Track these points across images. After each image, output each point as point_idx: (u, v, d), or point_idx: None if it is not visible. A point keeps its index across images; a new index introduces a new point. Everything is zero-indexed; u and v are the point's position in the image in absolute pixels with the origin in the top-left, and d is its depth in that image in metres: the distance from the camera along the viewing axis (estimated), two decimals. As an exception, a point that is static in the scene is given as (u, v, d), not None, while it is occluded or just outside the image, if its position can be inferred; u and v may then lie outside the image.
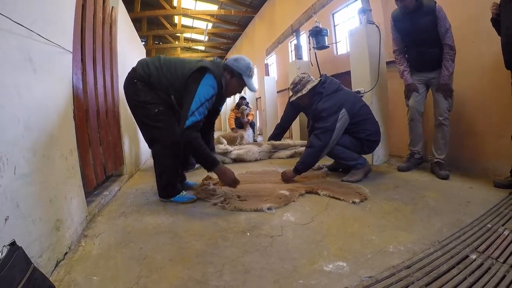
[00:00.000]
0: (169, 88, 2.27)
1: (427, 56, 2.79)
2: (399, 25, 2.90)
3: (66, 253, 1.52)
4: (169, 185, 2.38)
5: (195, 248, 1.58)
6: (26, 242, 1.14)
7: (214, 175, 2.52)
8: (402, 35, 2.93)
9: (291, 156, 4.39)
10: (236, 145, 5.12)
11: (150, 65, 2.28)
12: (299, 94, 2.94)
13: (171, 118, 2.32)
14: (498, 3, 2.27)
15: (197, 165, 3.75)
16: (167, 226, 1.92)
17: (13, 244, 0.94)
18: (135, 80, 2.26)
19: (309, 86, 2.91)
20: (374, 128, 2.87)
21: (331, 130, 2.67)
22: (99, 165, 2.47)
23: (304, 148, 4.38)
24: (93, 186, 2.29)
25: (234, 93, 2.49)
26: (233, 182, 2.29)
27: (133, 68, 2.34)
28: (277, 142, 4.63)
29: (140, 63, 2.33)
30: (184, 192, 2.43)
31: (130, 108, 2.40)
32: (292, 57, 7.83)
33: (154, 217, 2.09)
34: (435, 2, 2.66)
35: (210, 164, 2.21)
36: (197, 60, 2.36)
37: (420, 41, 2.79)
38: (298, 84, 2.98)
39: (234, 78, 2.33)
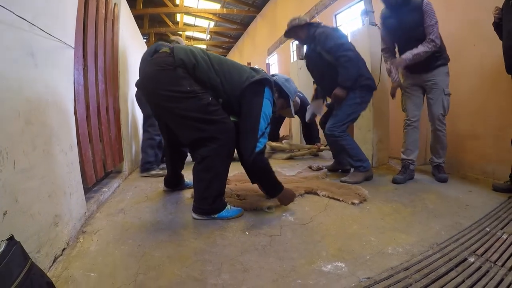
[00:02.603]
0: (219, 90, 1.89)
1: None
2: (386, 22, 2.79)
3: (64, 249, 1.52)
4: (220, 195, 1.95)
5: (193, 246, 1.58)
6: (24, 237, 1.13)
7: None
8: (390, 34, 2.82)
9: (289, 158, 4.39)
10: None
11: (196, 55, 1.86)
12: (295, 23, 2.96)
13: (223, 111, 1.92)
14: (501, 7, 2.27)
15: None
16: (166, 223, 1.92)
17: (11, 238, 0.94)
18: (175, 66, 1.79)
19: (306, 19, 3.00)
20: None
21: (352, 50, 2.80)
22: (98, 161, 2.46)
23: (300, 152, 4.42)
24: (92, 182, 2.29)
25: (277, 114, 2.24)
26: (292, 200, 2.12)
27: (163, 51, 1.88)
28: (275, 144, 4.66)
29: (181, 47, 1.88)
30: (229, 206, 2.01)
31: (161, 101, 1.85)
32: (293, 57, 7.83)
33: (153, 214, 2.08)
34: None
35: (278, 190, 2.02)
36: (248, 66, 2.09)
37: (408, 38, 2.63)
38: (296, 19, 3.00)
39: (281, 99, 2.21)
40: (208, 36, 14.07)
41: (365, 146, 3.43)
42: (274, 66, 9.71)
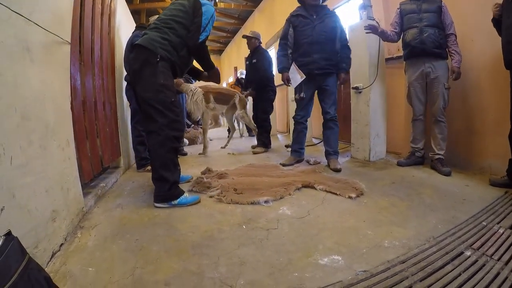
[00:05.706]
0: (186, 35, 2.26)
1: (426, 34, 2.84)
2: (404, 7, 3.06)
3: (62, 244, 1.52)
4: (175, 183, 2.15)
5: (190, 240, 1.59)
6: (21, 232, 1.13)
7: (213, 168, 2.64)
8: (406, 16, 3.03)
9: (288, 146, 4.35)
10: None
11: (162, 36, 2.16)
12: None
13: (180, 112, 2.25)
14: (500, 3, 2.26)
15: (184, 151, 4.46)
16: (163, 218, 1.92)
17: (8, 234, 0.94)
18: (157, 60, 2.08)
19: None
20: None
21: None
22: (95, 156, 2.46)
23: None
24: (89, 177, 2.29)
25: None
26: (219, 75, 2.76)
27: (142, 46, 2.10)
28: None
29: (151, 39, 2.12)
30: (186, 194, 2.23)
31: (139, 89, 2.13)
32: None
33: (150, 209, 2.09)
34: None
35: (212, 66, 2.61)
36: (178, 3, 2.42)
37: (421, 19, 2.89)
38: None
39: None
40: (206, 30, 13.97)
41: (362, 140, 3.44)
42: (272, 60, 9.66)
